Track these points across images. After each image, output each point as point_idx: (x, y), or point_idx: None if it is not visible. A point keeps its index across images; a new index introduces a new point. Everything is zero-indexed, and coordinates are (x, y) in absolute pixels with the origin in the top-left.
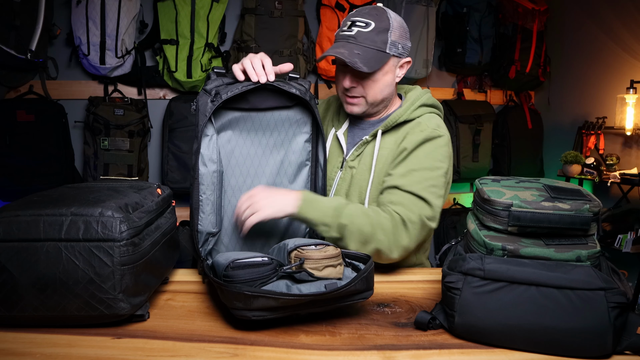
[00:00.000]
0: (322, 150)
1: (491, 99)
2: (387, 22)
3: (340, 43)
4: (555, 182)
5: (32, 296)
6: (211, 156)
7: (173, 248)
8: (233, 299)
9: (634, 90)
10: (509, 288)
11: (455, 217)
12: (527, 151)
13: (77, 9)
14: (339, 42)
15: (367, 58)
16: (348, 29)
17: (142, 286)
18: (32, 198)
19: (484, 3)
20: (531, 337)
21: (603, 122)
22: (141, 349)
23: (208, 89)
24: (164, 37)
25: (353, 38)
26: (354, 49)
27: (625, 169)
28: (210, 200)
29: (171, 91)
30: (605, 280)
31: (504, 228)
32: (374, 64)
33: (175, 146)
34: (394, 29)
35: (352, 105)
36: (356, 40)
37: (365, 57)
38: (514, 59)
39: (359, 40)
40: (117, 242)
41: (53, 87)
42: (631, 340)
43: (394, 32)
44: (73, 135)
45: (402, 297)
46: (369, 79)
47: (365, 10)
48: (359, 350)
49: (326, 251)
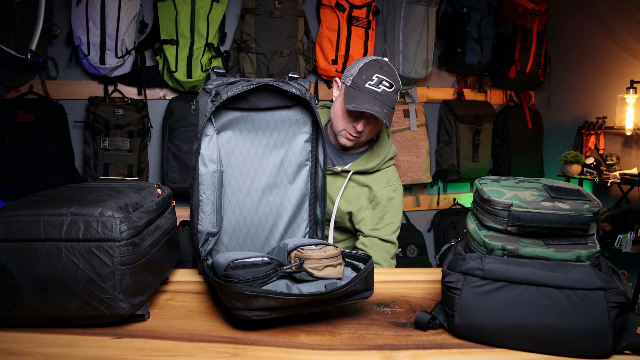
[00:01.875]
0: (322, 150)
1: (491, 99)
2: (398, 82)
3: (370, 98)
4: (555, 182)
5: (32, 296)
6: (211, 156)
7: (173, 248)
8: (233, 299)
9: (634, 90)
10: (509, 288)
11: (455, 217)
12: (527, 151)
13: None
14: (368, 95)
15: (390, 116)
16: (375, 85)
17: (142, 286)
18: (32, 198)
19: (484, 3)
20: (531, 337)
21: (603, 122)
22: (141, 349)
23: (208, 89)
24: (164, 37)
25: (380, 95)
26: (383, 107)
27: (625, 169)
28: (210, 200)
29: (171, 91)
30: (605, 280)
31: (504, 228)
32: (391, 118)
33: (175, 146)
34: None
35: (348, 141)
36: (382, 98)
37: (389, 115)
38: (514, 59)
39: (385, 98)
40: (117, 242)
41: (53, 87)
42: (631, 340)
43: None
44: (73, 135)
45: (402, 297)
46: (374, 127)
47: (385, 68)
48: (359, 350)
49: (326, 251)
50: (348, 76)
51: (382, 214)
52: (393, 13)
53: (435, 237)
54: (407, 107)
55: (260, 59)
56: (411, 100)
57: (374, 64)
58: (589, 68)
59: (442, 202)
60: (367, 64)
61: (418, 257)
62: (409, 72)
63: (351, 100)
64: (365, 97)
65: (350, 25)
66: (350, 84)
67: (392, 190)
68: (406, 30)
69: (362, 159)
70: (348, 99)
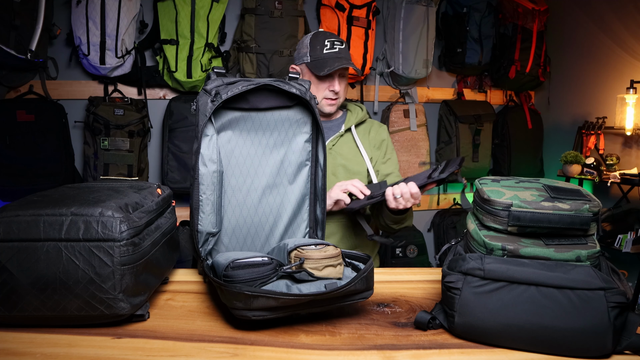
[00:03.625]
0: (322, 150)
1: (491, 99)
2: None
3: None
4: (555, 182)
5: (32, 296)
6: (211, 156)
7: (173, 248)
8: (233, 299)
9: (634, 90)
10: (509, 288)
11: (455, 217)
12: (527, 151)
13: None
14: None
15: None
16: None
17: (142, 286)
18: (32, 198)
19: (484, 3)
20: (531, 337)
21: (603, 122)
22: (141, 349)
23: (208, 89)
24: (164, 37)
25: (339, 53)
26: (348, 60)
27: (625, 169)
28: (210, 200)
29: (171, 91)
30: (605, 280)
31: (504, 228)
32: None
33: (175, 146)
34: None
35: (331, 106)
36: (342, 55)
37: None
38: (514, 59)
39: (344, 54)
40: (117, 242)
41: (53, 87)
42: (631, 340)
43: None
44: (73, 135)
45: (402, 297)
46: (345, 83)
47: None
48: (359, 350)
49: (326, 251)
50: (302, 56)
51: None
52: (393, 13)
53: (435, 237)
54: (407, 107)
55: (260, 59)
56: (411, 100)
57: (317, 35)
58: (589, 68)
59: (442, 202)
60: (312, 39)
61: (418, 257)
62: (409, 72)
63: (320, 68)
64: (329, 60)
65: (350, 25)
66: (310, 59)
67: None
68: (406, 30)
69: (349, 116)
70: (317, 69)
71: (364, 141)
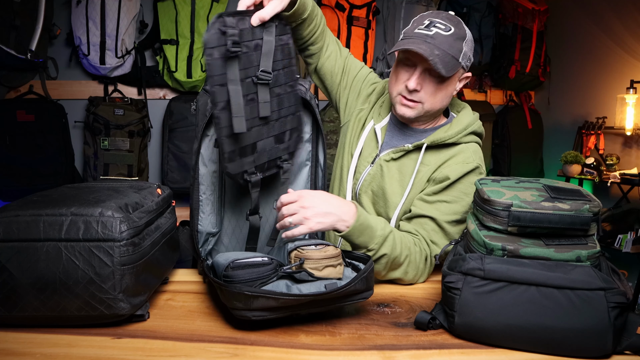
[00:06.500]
0: (322, 150)
1: (491, 99)
2: (464, 31)
3: (416, 40)
4: (555, 182)
5: (32, 296)
6: (211, 156)
7: (173, 248)
8: (233, 299)
9: (634, 90)
10: (509, 288)
11: None
12: (527, 151)
13: (77, 9)
14: (414, 39)
15: (445, 61)
16: (426, 28)
17: (142, 286)
18: (32, 198)
19: (484, 3)
20: (531, 337)
21: (603, 122)
22: (141, 349)
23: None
24: (164, 37)
25: (431, 38)
26: (434, 49)
27: (625, 169)
28: (210, 200)
29: (171, 91)
30: (605, 280)
31: (504, 228)
32: (450, 69)
33: (175, 146)
34: (468, 40)
35: (406, 108)
36: (434, 41)
37: (444, 60)
38: (514, 59)
39: (438, 42)
40: (117, 242)
41: (53, 87)
42: (631, 340)
43: (468, 43)
44: (73, 135)
45: (402, 297)
46: (436, 85)
47: (443, 14)
48: (359, 350)
49: (326, 251)
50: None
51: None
52: (393, 13)
53: None
54: None
55: None
56: None
57: (430, 14)
58: (589, 68)
59: None
60: (422, 14)
61: None
62: None
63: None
64: (411, 40)
65: (350, 25)
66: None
67: (467, 166)
68: None
69: (439, 131)
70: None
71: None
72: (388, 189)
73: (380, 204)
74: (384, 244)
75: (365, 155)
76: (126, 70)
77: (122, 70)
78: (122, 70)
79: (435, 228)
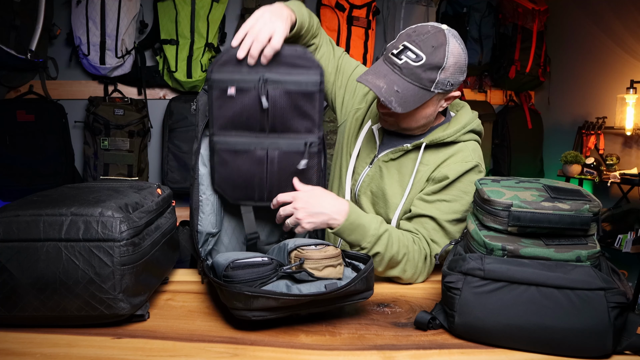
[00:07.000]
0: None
1: (491, 99)
2: (440, 59)
3: (383, 70)
4: (555, 182)
5: (32, 296)
6: None
7: (173, 248)
8: (233, 299)
9: (634, 90)
10: (509, 288)
11: None
12: (527, 151)
13: (77, 9)
14: (383, 66)
15: (405, 97)
16: (397, 55)
17: (142, 286)
18: (32, 198)
19: (484, 3)
20: (531, 337)
21: (603, 122)
22: (141, 349)
23: None
24: (164, 37)
25: (398, 68)
26: (394, 84)
27: (625, 169)
28: (210, 200)
29: (171, 91)
30: (605, 280)
31: (504, 228)
32: (411, 104)
33: (175, 146)
34: (448, 66)
35: (385, 122)
36: (401, 72)
37: (404, 95)
38: (514, 59)
39: (404, 73)
40: (117, 242)
41: (53, 87)
42: (631, 340)
43: (446, 70)
44: (73, 135)
45: (402, 297)
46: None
47: (423, 37)
48: (359, 350)
49: (326, 251)
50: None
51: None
52: (393, 13)
53: None
54: None
55: None
56: None
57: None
58: (589, 68)
59: None
60: (407, 31)
61: None
62: None
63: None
64: (374, 72)
65: (350, 25)
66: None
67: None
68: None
69: (438, 130)
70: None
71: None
72: (388, 189)
73: (381, 204)
74: (378, 243)
75: (363, 155)
76: (126, 70)
77: (122, 70)
78: (122, 70)
79: (436, 227)
